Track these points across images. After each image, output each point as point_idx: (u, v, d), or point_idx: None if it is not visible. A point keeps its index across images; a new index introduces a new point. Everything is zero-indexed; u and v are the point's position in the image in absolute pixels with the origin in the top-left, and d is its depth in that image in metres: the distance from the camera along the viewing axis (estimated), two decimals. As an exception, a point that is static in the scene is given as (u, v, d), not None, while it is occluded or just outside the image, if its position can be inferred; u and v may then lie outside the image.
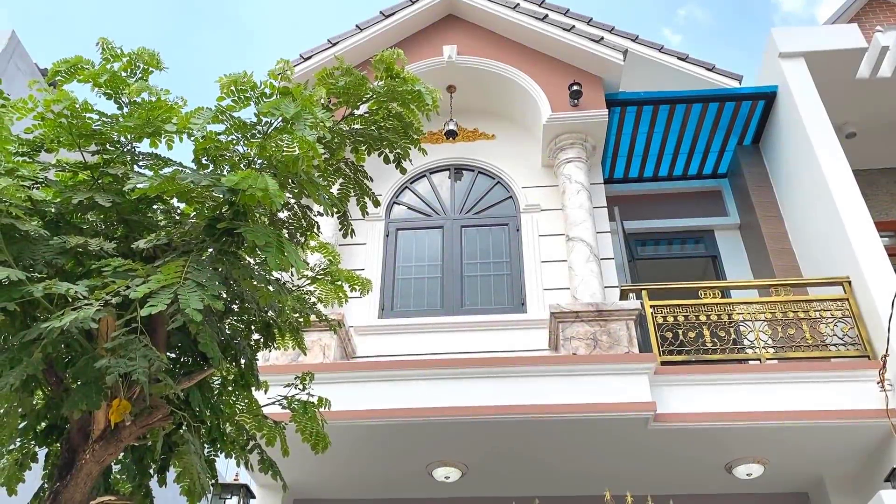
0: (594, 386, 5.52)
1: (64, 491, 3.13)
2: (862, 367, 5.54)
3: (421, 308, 7.30)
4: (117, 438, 3.19)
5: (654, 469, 6.00)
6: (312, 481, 6.36)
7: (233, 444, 4.16)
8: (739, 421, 5.40)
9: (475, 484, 6.28)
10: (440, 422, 5.56)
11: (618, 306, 6.06)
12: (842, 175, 6.54)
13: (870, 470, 5.70)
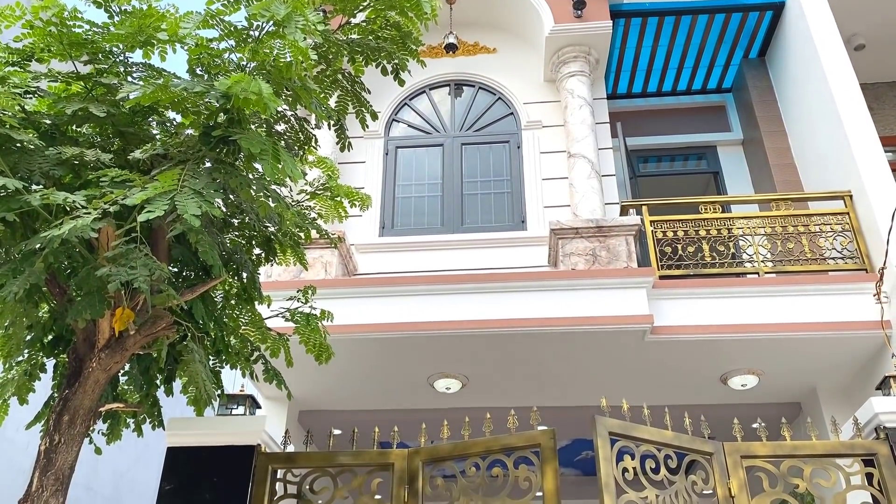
0: (593, 300, 5.58)
1: (73, 398, 3.22)
2: (859, 280, 5.58)
3: (421, 226, 7.32)
4: (122, 347, 3.26)
5: (650, 380, 6.14)
6: (317, 393, 6.52)
7: (237, 356, 4.24)
8: (735, 333, 5.48)
9: (475, 394, 6.44)
10: (441, 335, 5.65)
11: (617, 222, 6.07)
12: (848, 88, 6.43)
13: (861, 380, 5.82)
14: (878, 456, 4.24)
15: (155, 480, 4.47)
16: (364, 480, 4.46)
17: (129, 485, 10.88)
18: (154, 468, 11.05)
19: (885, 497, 4.13)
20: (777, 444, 4.36)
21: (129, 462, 10.89)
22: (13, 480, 7.91)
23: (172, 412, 4.64)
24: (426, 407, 6.65)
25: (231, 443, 4.50)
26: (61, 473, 3.10)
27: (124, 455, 10.74)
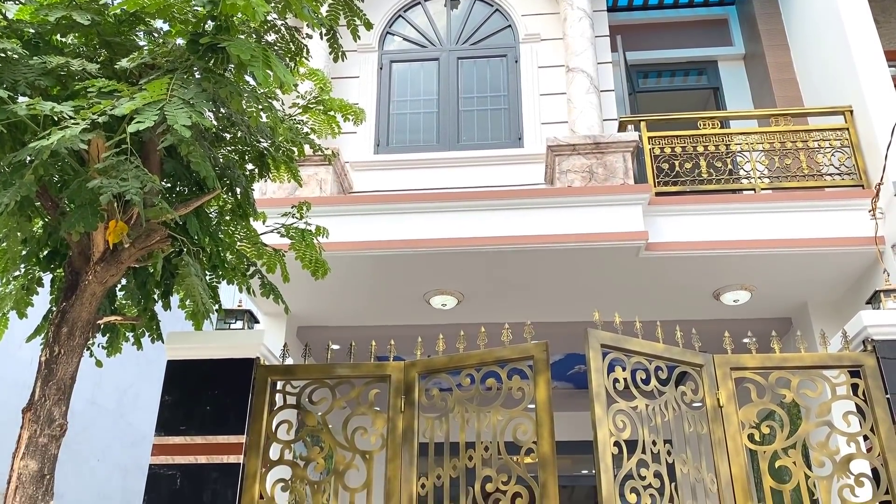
0: (588, 217, 5.59)
1: (70, 310, 3.25)
2: (855, 197, 5.58)
3: (417, 143, 7.24)
4: (117, 260, 3.27)
5: (643, 296, 6.21)
6: (314, 310, 6.60)
7: (233, 271, 4.26)
8: (729, 249, 5.52)
9: (470, 311, 6.52)
10: (437, 252, 5.67)
11: (615, 138, 6.00)
12: (855, 0, 6.25)
13: (852, 296, 5.90)
14: (864, 367, 4.34)
15: (158, 396, 4.57)
16: (362, 391, 4.56)
17: (133, 399, 11.15)
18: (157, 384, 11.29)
19: (869, 406, 4.25)
20: (766, 357, 4.44)
21: (132, 378, 11.12)
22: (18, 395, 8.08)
23: (172, 328, 4.70)
24: (422, 323, 6.74)
25: (230, 356, 4.58)
26: (62, 384, 3.16)
27: (127, 371, 10.96)
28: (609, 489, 3.89)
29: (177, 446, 4.37)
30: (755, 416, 4.32)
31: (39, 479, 3.01)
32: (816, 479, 4.22)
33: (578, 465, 8.97)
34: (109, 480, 10.49)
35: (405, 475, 4.28)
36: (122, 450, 10.75)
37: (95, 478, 10.10)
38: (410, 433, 4.37)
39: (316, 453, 4.43)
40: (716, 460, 4.20)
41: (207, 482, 4.29)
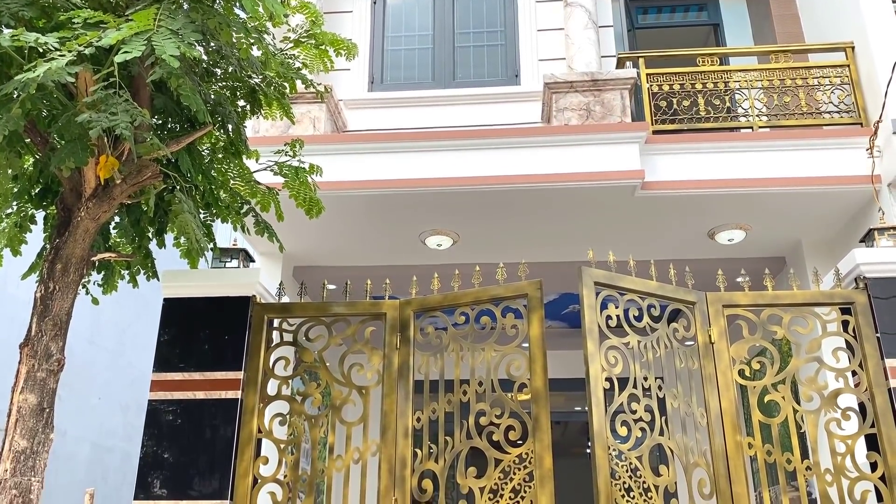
0: (585, 155, 5.55)
1: (64, 247, 3.24)
2: (853, 135, 5.54)
3: (411, 81, 7.13)
4: (109, 196, 3.25)
5: (638, 236, 6.21)
6: (310, 250, 6.60)
7: (227, 210, 4.25)
8: (726, 188, 5.50)
9: (466, 251, 6.53)
10: (432, 192, 5.65)
11: (613, 75, 5.92)
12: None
13: (846, 235, 5.91)
14: (855, 304, 4.38)
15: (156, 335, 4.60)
16: (357, 329, 4.60)
17: (132, 339, 11.25)
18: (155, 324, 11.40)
19: (859, 342, 4.31)
20: (758, 294, 4.48)
21: (131, 318, 11.20)
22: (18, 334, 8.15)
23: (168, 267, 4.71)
24: (418, 263, 6.75)
25: (226, 294, 4.60)
26: (59, 319, 3.18)
27: (125, 311, 11.03)
28: (600, 422, 3.97)
29: (175, 382, 4.43)
30: (746, 353, 4.38)
31: (39, 412, 3.05)
32: (804, 413, 4.30)
33: (571, 402, 9.12)
34: (111, 417, 10.67)
35: (401, 409, 4.36)
36: (122, 388, 10.90)
37: (97, 415, 10.28)
38: (406, 369, 4.44)
39: (313, 388, 4.50)
40: (706, 395, 4.28)
41: (206, 417, 4.36)
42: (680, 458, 4.16)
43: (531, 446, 4.05)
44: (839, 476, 4.08)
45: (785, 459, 4.17)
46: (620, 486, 3.96)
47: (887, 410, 4.12)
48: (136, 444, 4.34)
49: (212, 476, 4.23)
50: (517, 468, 4.08)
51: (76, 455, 9.70)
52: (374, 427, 4.39)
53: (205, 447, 4.29)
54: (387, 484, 4.20)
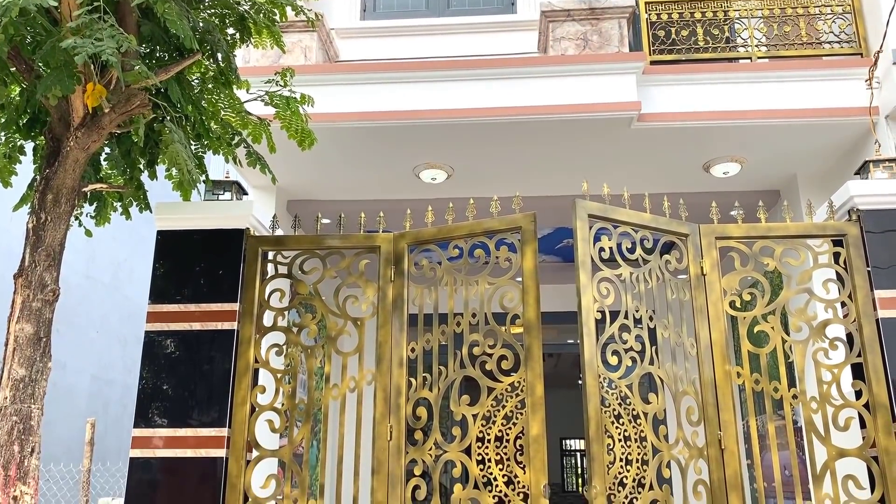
0: (581, 86, 5.47)
1: (54, 177, 3.22)
2: (852, 66, 5.46)
3: (405, 9, 6.97)
4: (98, 126, 3.21)
5: (633, 169, 6.18)
6: (303, 183, 6.57)
7: (218, 141, 4.20)
8: (723, 120, 5.45)
9: (460, 185, 6.50)
10: (426, 124, 5.58)
11: (611, 3, 5.78)
12: None
13: (841, 169, 5.89)
14: (847, 236, 4.40)
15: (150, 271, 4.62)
16: (352, 262, 4.62)
17: (128, 274, 11.30)
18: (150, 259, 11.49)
19: (849, 274, 4.34)
20: (751, 226, 4.49)
21: (127, 252, 11.22)
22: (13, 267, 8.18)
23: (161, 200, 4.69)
24: (412, 197, 6.73)
25: (220, 226, 4.60)
26: (52, 250, 3.18)
27: (120, 246, 11.04)
28: (591, 352, 4.03)
29: (171, 313, 4.47)
30: (737, 284, 4.42)
31: (36, 341, 3.08)
32: (793, 343, 4.38)
33: (564, 335, 9.25)
34: (109, 351, 10.80)
35: (395, 340, 4.41)
36: (119, 322, 11.00)
37: (95, 348, 10.40)
38: (400, 301, 4.47)
39: (308, 320, 4.54)
40: (696, 326, 4.34)
41: (203, 348, 4.41)
42: (669, 387, 4.25)
43: (523, 375, 4.12)
44: (824, 404, 4.17)
45: (772, 388, 4.26)
46: (610, 412, 4.06)
47: (874, 340, 4.19)
48: (136, 377, 4.41)
49: (210, 405, 4.31)
50: (509, 396, 4.17)
51: (76, 387, 9.85)
52: (370, 357, 4.45)
53: (203, 377, 4.36)
54: (382, 411, 4.29)
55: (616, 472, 3.96)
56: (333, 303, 4.54)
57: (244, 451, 4.24)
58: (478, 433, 4.18)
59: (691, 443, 4.16)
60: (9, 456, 2.92)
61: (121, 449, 9.46)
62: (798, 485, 4.19)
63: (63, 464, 7.91)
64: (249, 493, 4.21)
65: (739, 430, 4.64)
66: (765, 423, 6.82)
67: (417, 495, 4.17)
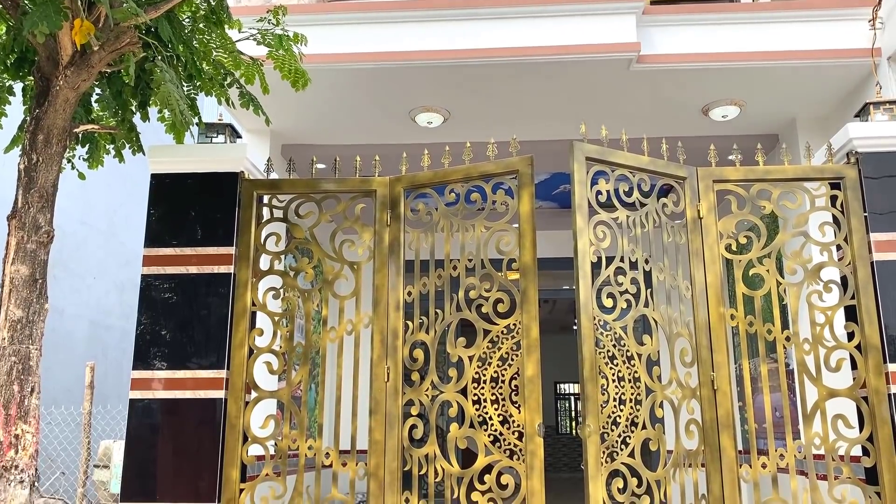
0: (580, 27, 5.38)
1: (44, 117, 3.17)
2: (856, 5, 5.36)
3: (401, -53, 6.78)
4: (88, 64, 3.15)
5: (631, 112, 6.12)
6: (297, 127, 6.50)
7: (211, 82, 4.14)
8: (723, 61, 5.37)
9: (456, 129, 6.44)
10: (423, 66, 5.50)
11: (611, -59, 5.63)
12: None
13: (841, 111, 5.84)
14: (845, 179, 4.38)
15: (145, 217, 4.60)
16: (348, 206, 4.60)
17: (124, 220, 11.26)
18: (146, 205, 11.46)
19: (846, 217, 4.34)
20: (749, 169, 4.47)
21: (121, 199, 11.16)
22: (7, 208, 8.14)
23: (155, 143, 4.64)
24: (408, 141, 6.67)
25: (214, 169, 4.56)
26: (44, 191, 3.16)
27: (115, 192, 10.97)
28: (587, 295, 4.05)
29: (167, 257, 4.46)
30: (734, 227, 4.42)
31: (32, 282, 3.08)
32: (787, 286, 4.40)
33: (560, 281, 9.27)
34: (107, 297, 10.84)
35: (392, 284, 4.42)
36: (116, 268, 11.01)
37: (93, 294, 10.43)
38: (397, 245, 4.47)
39: (305, 264, 4.54)
40: (692, 269, 4.35)
41: (200, 291, 4.42)
42: (663, 329, 4.28)
43: (519, 317, 4.14)
44: (817, 345, 4.22)
45: (766, 330, 4.30)
46: (605, 354, 4.10)
47: (868, 283, 4.22)
48: (134, 323, 4.43)
49: (208, 347, 4.34)
50: (505, 338, 4.20)
51: (74, 333, 9.91)
52: (367, 301, 4.47)
53: (200, 320, 4.38)
54: (379, 353, 4.33)
55: (609, 411, 4.02)
56: (330, 247, 4.53)
57: (243, 393, 4.29)
58: (474, 374, 4.22)
59: (684, 383, 4.21)
60: (9, 395, 2.95)
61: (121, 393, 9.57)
62: (788, 425, 4.26)
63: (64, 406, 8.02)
64: (249, 433, 4.27)
65: (732, 371, 4.70)
66: (757, 367, 6.92)
67: (414, 434, 4.24)
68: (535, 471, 3.90)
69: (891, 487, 3.98)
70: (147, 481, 4.22)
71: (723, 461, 4.10)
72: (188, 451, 4.23)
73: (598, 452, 3.83)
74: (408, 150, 4.90)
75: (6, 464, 2.89)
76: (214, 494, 4.14)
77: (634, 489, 3.95)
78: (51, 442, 8.05)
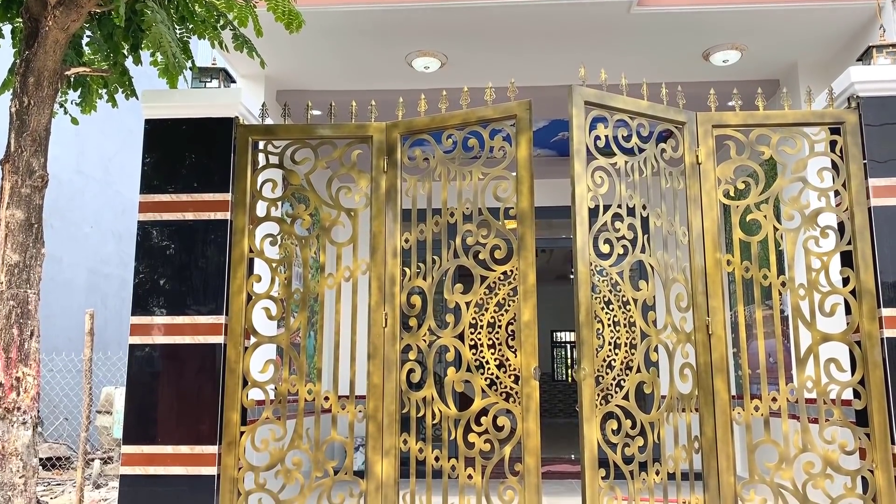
0: (579, -31, 5.26)
1: (34, 59, 3.12)
2: (863, -53, 5.24)
3: None
4: (77, 4, 3.09)
5: (631, 58, 6.04)
6: (292, 73, 6.42)
7: (203, 24, 4.06)
8: (724, 4, 5.27)
9: (454, 74, 6.35)
10: (419, 8, 5.39)
11: None
12: None
13: (844, 56, 5.76)
14: (845, 124, 4.35)
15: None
16: (344, 152, 4.57)
17: (119, 169, 11.20)
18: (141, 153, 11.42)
19: (845, 162, 4.32)
20: (749, 114, 4.43)
21: (116, 147, 11.08)
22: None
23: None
24: (404, 87, 6.58)
25: (209, 115, 4.51)
26: (37, 135, 3.12)
27: (110, 140, 10.89)
28: (584, 240, 4.05)
29: (163, 203, 4.45)
30: (732, 173, 4.40)
31: (28, 227, 3.07)
32: (784, 232, 4.41)
33: (557, 230, 9.27)
34: (104, 245, 10.85)
35: (389, 231, 4.42)
36: (113, 217, 11.00)
37: (90, 243, 10.44)
38: (394, 192, 4.45)
39: (302, 211, 4.53)
40: (689, 214, 4.35)
41: (197, 238, 4.42)
42: (660, 275, 4.30)
43: (516, 263, 4.16)
44: (812, 290, 4.25)
45: (762, 275, 4.32)
46: (601, 299, 4.12)
47: (865, 228, 4.22)
48: (132, 272, 4.44)
49: (206, 293, 4.36)
50: (502, 284, 4.22)
51: (73, 281, 9.95)
52: (364, 247, 4.47)
53: (198, 266, 4.38)
54: (377, 300, 4.35)
55: (605, 355, 4.07)
56: (326, 194, 4.51)
57: (242, 338, 4.33)
58: (470, 320, 4.25)
59: (679, 328, 4.25)
60: (8, 339, 2.97)
61: (121, 341, 9.65)
62: (782, 369, 4.32)
63: (65, 353, 8.10)
64: (248, 377, 4.32)
65: (727, 316, 4.73)
66: (752, 314, 6.98)
67: (412, 378, 4.29)
68: (531, 413, 3.97)
69: (880, 429, 4.05)
70: (148, 424, 4.28)
71: (716, 404, 4.16)
72: (189, 395, 4.28)
73: (592, 395, 3.89)
74: (404, 96, 4.84)
75: (8, 406, 2.93)
76: (215, 437, 4.20)
77: (628, 430, 4.02)
78: (53, 388, 8.16)
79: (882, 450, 4.04)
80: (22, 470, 2.91)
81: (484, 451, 4.10)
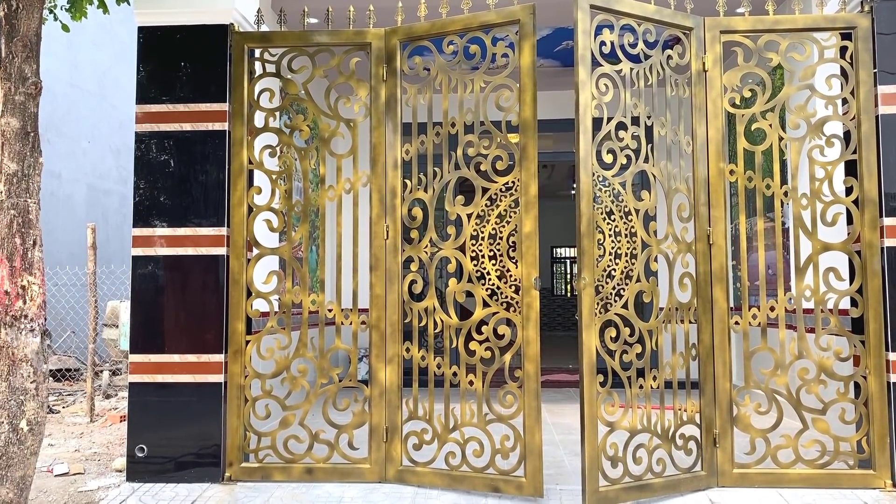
0: None
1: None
2: None
3: None
4: None
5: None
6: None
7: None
8: None
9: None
10: None
11: None
12: None
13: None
14: (857, 29, 4.23)
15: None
16: (342, 60, 4.46)
17: (114, 83, 10.99)
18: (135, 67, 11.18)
19: (854, 69, 4.23)
20: (758, 19, 4.30)
21: (111, 61, 10.84)
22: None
23: None
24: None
25: (203, 21, 4.40)
26: (28, 40, 3.04)
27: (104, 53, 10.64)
28: (587, 150, 4.00)
29: (160, 114, 4.39)
30: (738, 81, 4.31)
31: (24, 135, 3.04)
32: (789, 141, 4.36)
33: (560, 144, 9.17)
34: (103, 161, 10.77)
35: (389, 142, 4.37)
36: (110, 132, 10.88)
37: (88, 158, 10.36)
38: (393, 101, 4.38)
39: (300, 121, 4.47)
40: (694, 123, 4.28)
41: (196, 149, 4.38)
42: (662, 184, 4.27)
43: (517, 175, 4.12)
44: (815, 200, 4.23)
45: (764, 185, 4.29)
46: (602, 209, 4.11)
47: (871, 136, 4.17)
48: (132, 187, 4.41)
49: (207, 205, 4.35)
50: (503, 196, 4.20)
51: (73, 197, 9.93)
52: (364, 159, 4.43)
53: (197, 177, 4.36)
54: (378, 212, 4.34)
55: (605, 265, 4.09)
56: (325, 104, 4.44)
57: (244, 250, 4.35)
58: (472, 231, 4.26)
59: (680, 238, 4.25)
60: (11, 248, 2.98)
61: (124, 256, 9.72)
62: (781, 279, 4.34)
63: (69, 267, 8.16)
64: (252, 288, 4.36)
65: (728, 227, 4.73)
66: (753, 226, 6.98)
67: (414, 289, 4.33)
68: (531, 321, 4.02)
69: (875, 335, 4.12)
70: (155, 335, 4.35)
71: (714, 312, 4.21)
72: (193, 305, 4.33)
73: (592, 304, 3.93)
74: (404, 2, 4.69)
75: (15, 313, 2.96)
76: (221, 346, 4.28)
77: (627, 338, 4.08)
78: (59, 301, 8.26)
79: (876, 356, 4.11)
80: (33, 375, 2.98)
81: (485, 358, 4.18)
